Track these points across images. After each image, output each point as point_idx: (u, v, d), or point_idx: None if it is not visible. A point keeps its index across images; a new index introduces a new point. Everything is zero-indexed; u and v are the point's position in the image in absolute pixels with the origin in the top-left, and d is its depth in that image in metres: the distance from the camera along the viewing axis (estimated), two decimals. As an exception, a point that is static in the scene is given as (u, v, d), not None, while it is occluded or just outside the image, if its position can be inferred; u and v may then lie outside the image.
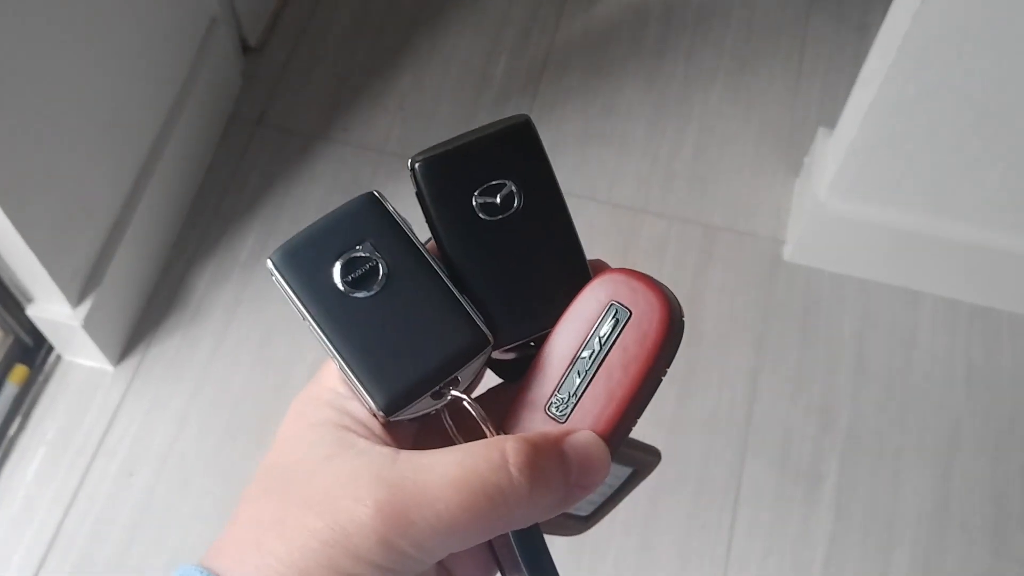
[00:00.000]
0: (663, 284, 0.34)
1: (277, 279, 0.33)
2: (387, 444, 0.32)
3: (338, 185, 1.36)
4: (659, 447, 1.25)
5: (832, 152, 1.21)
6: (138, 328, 1.25)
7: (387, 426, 0.33)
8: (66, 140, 1.06)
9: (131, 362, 1.23)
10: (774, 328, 1.27)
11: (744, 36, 1.51)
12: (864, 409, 1.22)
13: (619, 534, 1.14)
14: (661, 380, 0.34)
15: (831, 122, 1.27)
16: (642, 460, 0.40)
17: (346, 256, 0.33)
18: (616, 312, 0.33)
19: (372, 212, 0.34)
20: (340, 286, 0.33)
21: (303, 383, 0.35)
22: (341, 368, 0.32)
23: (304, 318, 0.33)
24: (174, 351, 1.24)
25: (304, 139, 1.41)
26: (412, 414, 0.33)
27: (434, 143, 0.35)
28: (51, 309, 1.14)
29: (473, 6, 1.54)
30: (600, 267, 0.36)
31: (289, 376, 1.22)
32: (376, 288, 0.33)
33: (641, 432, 0.37)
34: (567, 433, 0.32)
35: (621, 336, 0.33)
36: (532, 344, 0.35)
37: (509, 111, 1.42)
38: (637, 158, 1.40)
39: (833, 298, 1.29)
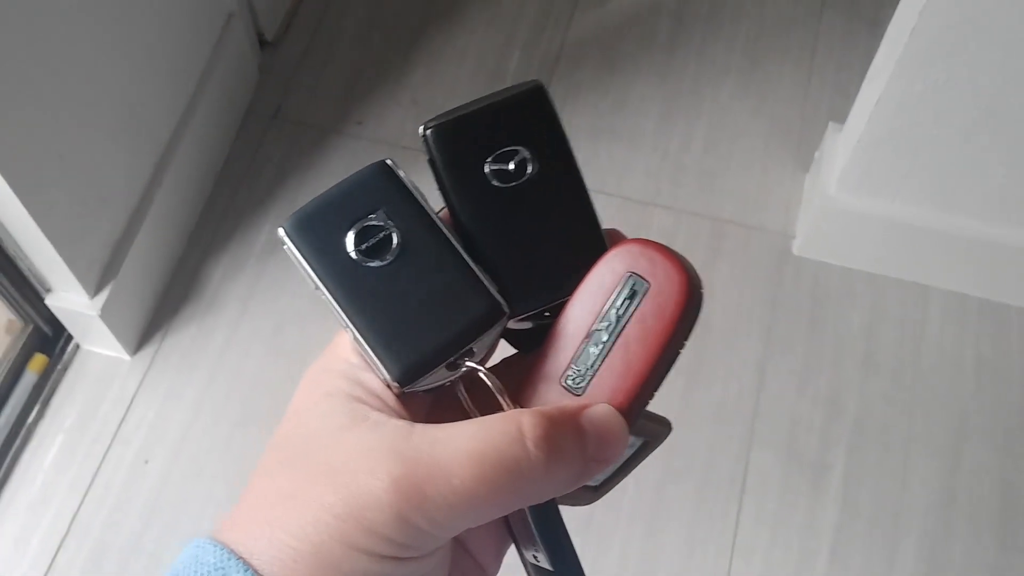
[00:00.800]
0: (682, 255, 0.33)
1: (289, 247, 0.32)
2: (401, 416, 0.31)
3: (351, 178, 1.38)
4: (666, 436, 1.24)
5: (841, 146, 1.21)
6: (154, 318, 1.27)
7: (401, 397, 0.32)
8: (85, 132, 1.08)
9: (147, 351, 1.25)
10: (782, 321, 1.28)
11: (756, 31, 1.52)
12: (872, 401, 1.23)
13: (625, 523, 1.15)
14: (679, 353, 0.33)
15: (841, 117, 1.27)
16: (654, 431, 0.39)
17: (359, 224, 0.32)
18: (634, 283, 0.33)
19: (385, 180, 0.33)
20: (353, 255, 0.32)
21: (315, 371, 0.35)
22: (355, 338, 0.32)
23: (316, 287, 0.32)
24: (189, 341, 1.26)
25: (319, 132, 1.43)
26: (427, 385, 0.32)
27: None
28: (69, 299, 1.16)
29: (487, 1, 1.55)
30: (616, 236, 0.36)
31: (301, 365, 1.22)
32: (390, 257, 0.32)
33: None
34: (585, 406, 0.32)
35: (639, 308, 0.32)
36: (547, 314, 0.34)
37: (521, 105, 1.43)
38: (647, 152, 1.41)
39: (842, 292, 1.30)
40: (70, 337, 1.24)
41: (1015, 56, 0.98)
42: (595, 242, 0.34)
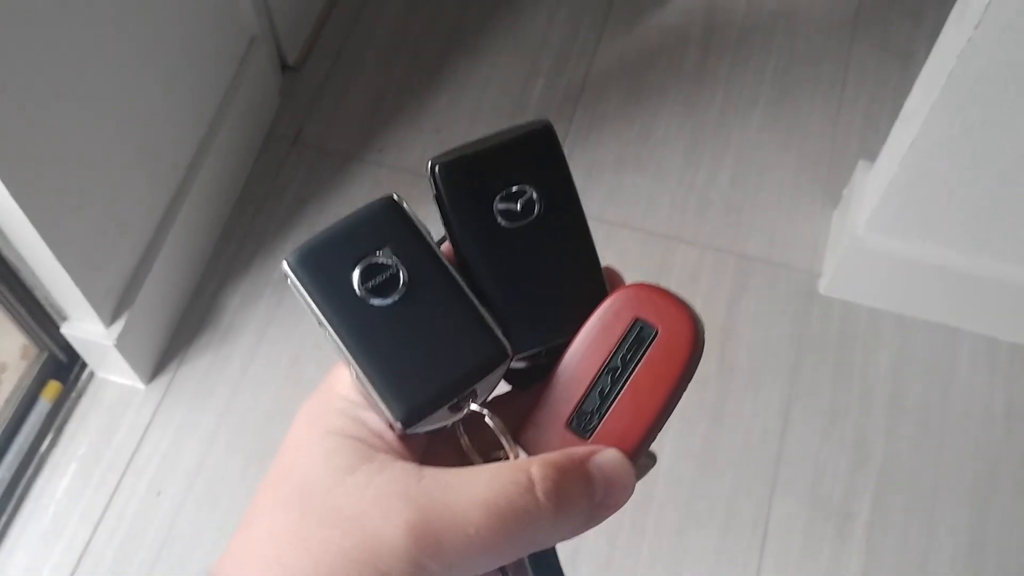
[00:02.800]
0: (687, 301, 0.34)
1: (293, 282, 0.32)
2: (403, 456, 0.31)
3: (372, 206, 1.36)
4: (688, 479, 1.23)
5: (872, 186, 1.19)
6: (170, 347, 1.26)
7: (402, 438, 0.32)
8: (104, 160, 1.07)
9: (162, 380, 1.24)
10: (808, 361, 1.25)
11: (786, 63, 1.50)
12: (899, 446, 1.20)
13: (645, 568, 1.13)
14: (681, 397, 0.33)
15: (872, 154, 1.25)
16: (642, 464, 0.40)
17: (366, 262, 0.32)
18: (641, 330, 0.33)
19: (392, 217, 0.33)
20: (359, 292, 0.32)
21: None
22: (357, 377, 0.32)
23: (320, 324, 0.32)
24: (205, 370, 1.25)
25: (339, 159, 1.41)
26: (429, 427, 0.32)
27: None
28: (85, 327, 1.15)
29: (512, 29, 1.54)
30: (613, 274, 0.36)
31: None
32: (396, 296, 0.32)
33: (671, 464, 0.36)
34: (593, 452, 0.32)
35: (648, 355, 0.33)
36: (545, 355, 0.34)
37: (544, 135, 1.41)
38: (672, 185, 1.38)
39: (869, 333, 1.27)
40: (85, 365, 1.23)
41: (1055, 102, 0.96)
42: (596, 285, 0.35)
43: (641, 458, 0.34)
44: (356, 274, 0.32)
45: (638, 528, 1.15)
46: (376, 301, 0.32)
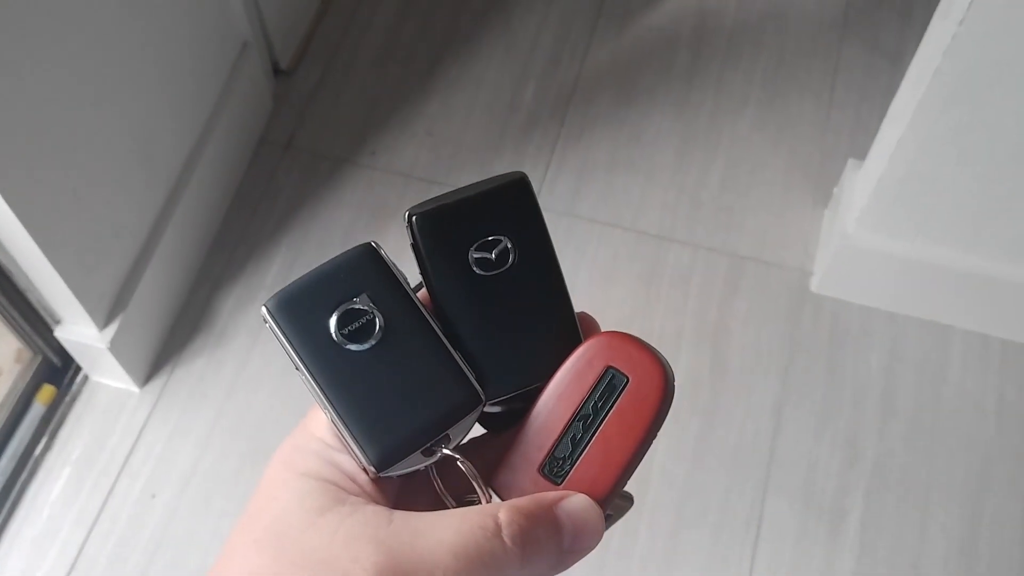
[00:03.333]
0: (657, 350, 0.35)
1: (272, 326, 0.33)
2: (375, 499, 0.32)
3: (365, 210, 1.37)
4: (680, 480, 1.23)
5: (862, 185, 1.19)
6: (164, 350, 1.26)
7: (375, 481, 0.33)
8: (97, 165, 1.08)
9: (156, 384, 1.24)
10: (800, 360, 1.26)
11: (775, 64, 1.50)
12: (891, 445, 1.20)
13: (638, 569, 1.13)
14: (652, 443, 0.34)
15: (861, 153, 1.25)
16: (619, 506, 0.40)
17: (343, 307, 0.33)
18: (612, 378, 0.34)
19: (370, 264, 0.34)
20: (336, 337, 0.32)
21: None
22: (332, 421, 0.32)
23: (297, 368, 0.33)
24: (198, 374, 1.25)
25: (332, 163, 1.42)
26: (402, 470, 0.33)
27: (460, 168, 0.36)
28: (79, 331, 1.15)
29: (503, 32, 1.54)
30: (587, 319, 0.37)
31: (310, 401, 1.22)
32: (372, 341, 0.33)
33: (663, 465, 0.37)
34: (561, 497, 0.33)
35: (619, 402, 0.34)
36: (519, 399, 0.35)
37: (536, 138, 1.42)
38: (664, 186, 1.39)
39: (861, 331, 1.27)
40: (79, 368, 1.23)
41: (1041, 98, 0.96)
42: (570, 332, 0.36)
43: (613, 502, 0.34)
44: (333, 319, 0.32)
45: (631, 529, 1.15)
46: (352, 347, 0.32)
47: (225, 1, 1.28)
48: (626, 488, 0.41)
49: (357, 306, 0.33)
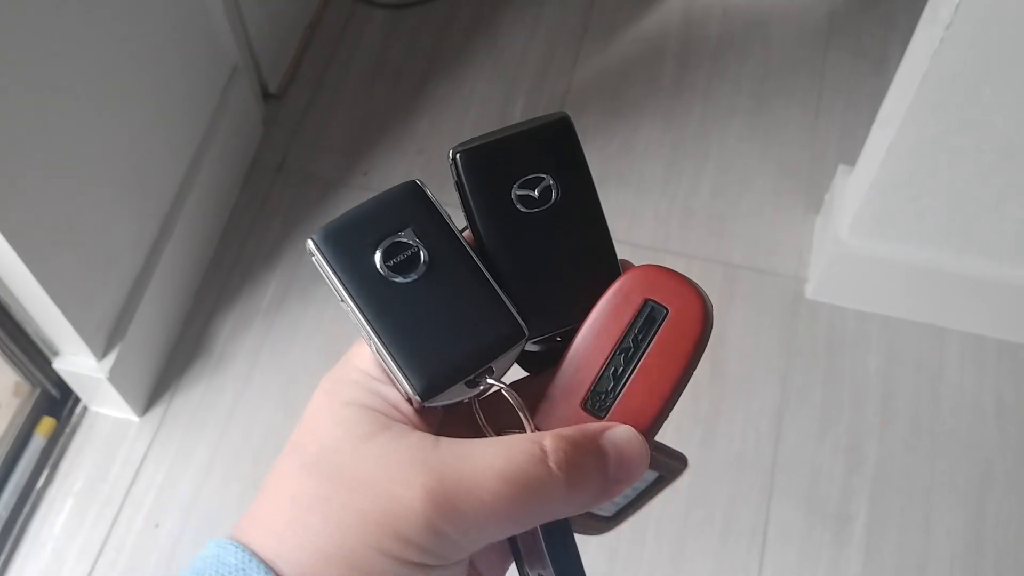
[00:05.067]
0: (695, 282, 0.34)
1: (317, 259, 0.33)
2: (418, 426, 0.32)
3: (359, 230, 1.37)
4: (685, 489, 1.23)
5: (852, 190, 1.20)
6: (162, 378, 1.26)
7: (420, 412, 0.33)
8: (91, 195, 1.08)
9: (156, 412, 1.24)
10: (798, 367, 1.26)
11: (762, 73, 1.51)
12: (892, 448, 1.21)
13: (646, 580, 1.13)
14: (691, 376, 0.34)
15: (851, 158, 1.26)
16: (670, 466, 0.40)
17: (388, 240, 0.33)
18: (651, 310, 0.34)
19: (414, 199, 0.34)
20: (381, 270, 0.33)
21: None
22: (377, 351, 0.33)
23: (342, 299, 0.33)
24: (198, 400, 1.25)
25: (324, 185, 1.42)
26: (446, 401, 0.33)
27: (454, 187, 0.35)
28: (77, 362, 1.15)
29: (490, 49, 1.55)
30: (627, 266, 0.37)
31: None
32: (416, 274, 0.33)
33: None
34: (606, 427, 0.33)
35: (659, 334, 0.34)
36: (559, 339, 0.35)
37: (528, 153, 1.42)
38: (656, 198, 1.40)
39: (857, 335, 1.28)
40: (78, 399, 1.23)
41: (1028, 100, 0.97)
42: (611, 270, 0.35)
43: (654, 435, 0.34)
44: (379, 252, 0.33)
45: (638, 538, 1.15)
46: (397, 279, 0.33)
47: (213, 27, 1.28)
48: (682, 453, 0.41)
49: (402, 239, 0.33)
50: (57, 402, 1.22)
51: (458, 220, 0.35)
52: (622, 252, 0.36)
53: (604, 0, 1.60)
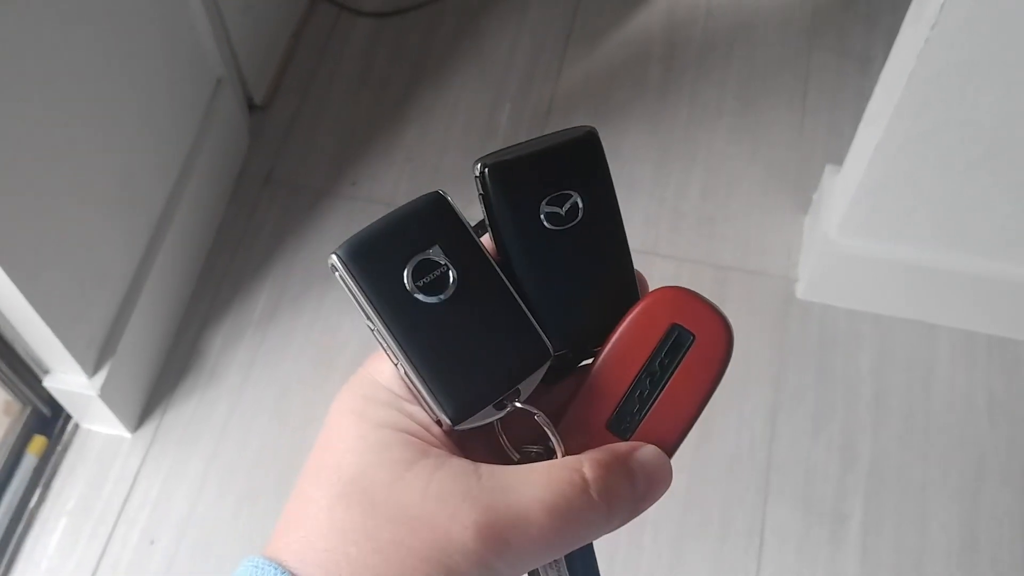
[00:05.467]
0: (719, 307, 0.35)
1: (342, 275, 0.32)
2: (451, 451, 0.32)
3: (348, 240, 1.37)
4: (682, 492, 1.23)
5: (841, 190, 1.21)
6: (154, 393, 1.25)
7: (447, 432, 0.33)
8: (77, 210, 1.07)
9: (149, 427, 1.23)
10: (791, 367, 1.26)
11: (747, 74, 1.52)
12: (886, 445, 1.21)
13: (645, 584, 1.13)
14: (710, 400, 0.35)
15: (838, 158, 1.27)
16: None
17: (417, 258, 0.32)
18: (679, 335, 0.34)
19: (441, 214, 0.33)
20: (410, 289, 0.32)
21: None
22: (405, 373, 0.32)
23: (368, 319, 0.32)
24: (191, 414, 1.24)
25: (312, 195, 1.42)
26: (475, 423, 0.33)
27: (447, 187, 0.35)
28: (67, 380, 1.14)
29: (476, 55, 1.55)
30: (640, 278, 0.37)
31: (306, 434, 1.22)
32: (445, 294, 0.32)
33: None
34: (634, 448, 0.33)
35: (684, 360, 0.34)
36: (570, 354, 0.35)
37: (516, 159, 1.42)
38: (644, 200, 1.40)
39: (849, 334, 1.29)
40: (69, 417, 1.22)
41: (1014, 95, 0.98)
42: (630, 288, 0.36)
43: (675, 453, 0.35)
44: (408, 271, 0.32)
45: (635, 544, 1.15)
46: (426, 298, 0.32)
47: (197, 39, 1.28)
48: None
49: (431, 258, 0.32)
50: (48, 420, 1.21)
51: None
52: None
53: (588, 4, 1.60)
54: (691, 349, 0.34)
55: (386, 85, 1.52)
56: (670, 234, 1.37)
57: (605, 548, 1.15)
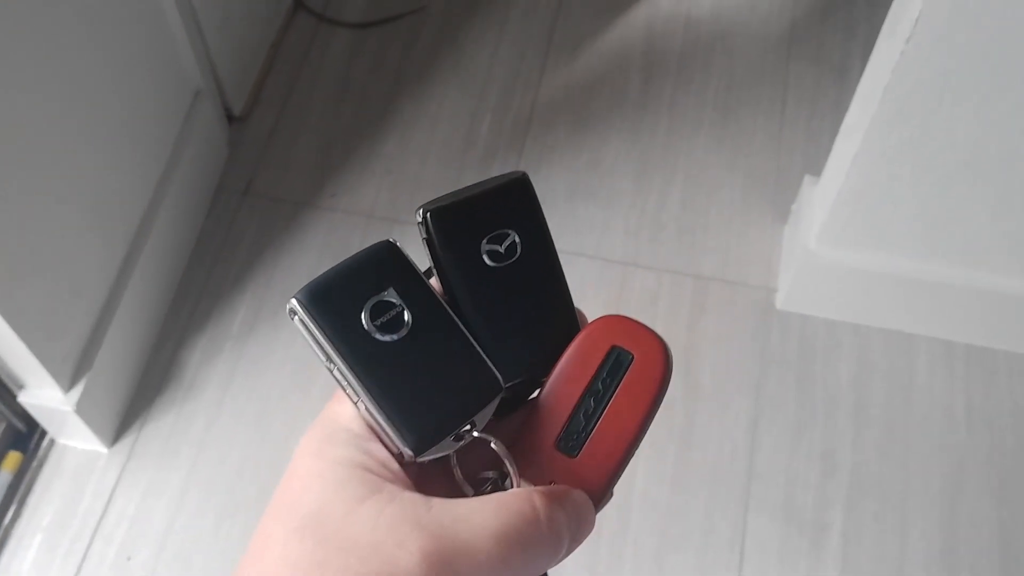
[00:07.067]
0: (655, 331, 0.38)
1: (302, 318, 0.33)
2: (407, 486, 0.33)
3: (328, 252, 1.36)
4: (663, 503, 1.23)
5: (819, 201, 1.21)
6: (131, 408, 1.24)
7: (407, 467, 0.34)
8: (53, 223, 1.06)
9: (126, 442, 1.22)
10: (771, 377, 1.27)
11: (726, 84, 1.52)
12: (866, 454, 1.22)
13: (626, 596, 1.13)
14: (655, 415, 0.37)
15: (816, 168, 1.27)
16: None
17: (374, 300, 0.34)
18: (618, 355, 0.37)
19: (393, 260, 0.35)
20: (368, 329, 0.33)
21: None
22: (367, 410, 0.33)
23: (329, 359, 0.33)
24: (169, 429, 1.23)
25: (292, 207, 1.41)
26: (435, 455, 0.34)
27: (424, 201, 0.36)
28: (43, 395, 1.13)
29: (455, 67, 1.55)
30: (580, 315, 0.40)
31: (286, 448, 1.21)
32: (401, 333, 0.34)
33: (644, 489, 0.39)
34: (566, 490, 0.35)
35: (626, 377, 0.36)
36: (524, 383, 0.37)
37: (495, 170, 1.42)
38: (624, 211, 1.40)
39: (828, 344, 1.29)
40: (44, 432, 1.21)
41: (989, 107, 0.99)
42: (570, 320, 0.38)
43: (621, 472, 0.36)
44: (366, 312, 0.34)
45: (615, 555, 1.15)
46: (384, 337, 0.34)
47: (175, 51, 1.27)
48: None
49: (387, 299, 0.34)
50: (23, 436, 1.20)
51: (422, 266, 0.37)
52: (592, 267, 0.38)
53: (568, 15, 1.60)
54: (631, 368, 0.36)
55: (366, 96, 1.52)
56: (650, 245, 1.37)
57: (585, 561, 1.15)
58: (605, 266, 1.34)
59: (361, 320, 0.33)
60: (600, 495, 0.36)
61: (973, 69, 0.95)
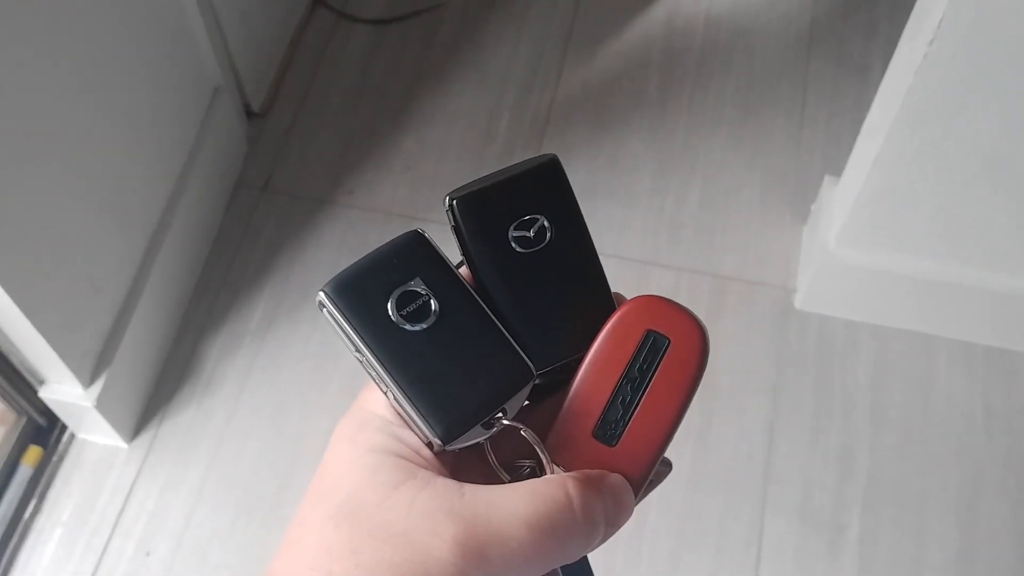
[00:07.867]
0: (692, 311, 0.36)
1: (330, 311, 0.34)
2: (441, 472, 0.33)
3: (345, 249, 1.37)
4: (679, 503, 1.23)
5: (839, 201, 1.21)
6: (150, 403, 1.25)
7: (439, 455, 0.34)
8: (73, 219, 1.07)
9: (145, 438, 1.23)
10: (789, 377, 1.26)
11: (745, 83, 1.52)
12: (883, 456, 1.21)
13: (642, 596, 1.13)
14: (692, 400, 0.36)
15: (836, 168, 1.26)
16: (659, 472, 0.41)
17: (400, 290, 0.34)
18: (654, 340, 0.35)
19: (420, 249, 0.35)
20: (395, 319, 0.34)
21: (318, 451, 0.35)
22: (395, 399, 0.33)
23: (357, 350, 0.34)
24: (187, 424, 1.24)
25: (310, 203, 1.41)
26: (464, 443, 0.34)
27: (440, 202, 0.36)
28: (63, 390, 1.14)
29: (474, 64, 1.55)
30: (620, 299, 0.38)
31: (303, 444, 1.22)
32: (428, 322, 0.34)
33: (660, 488, 0.39)
34: (604, 475, 0.34)
35: (662, 364, 0.35)
36: (559, 369, 0.36)
37: (513, 168, 1.42)
38: (643, 210, 1.40)
39: (847, 345, 1.28)
40: (65, 427, 1.22)
41: (1012, 110, 0.98)
42: (606, 304, 0.37)
43: (660, 459, 0.36)
44: (392, 302, 0.34)
45: (633, 555, 1.15)
46: (411, 327, 0.34)
47: (195, 47, 1.28)
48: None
49: (413, 288, 0.34)
50: (44, 430, 1.21)
51: (453, 258, 0.36)
52: (611, 266, 0.38)
53: (587, 12, 1.60)
54: (668, 352, 0.35)
55: (384, 93, 1.52)
56: (669, 244, 1.37)
57: (601, 561, 1.14)
58: (623, 265, 1.34)
59: (388, 310, 0.34)
60: (640, 483, 0.36)
61: (996, 72, 0.94)
